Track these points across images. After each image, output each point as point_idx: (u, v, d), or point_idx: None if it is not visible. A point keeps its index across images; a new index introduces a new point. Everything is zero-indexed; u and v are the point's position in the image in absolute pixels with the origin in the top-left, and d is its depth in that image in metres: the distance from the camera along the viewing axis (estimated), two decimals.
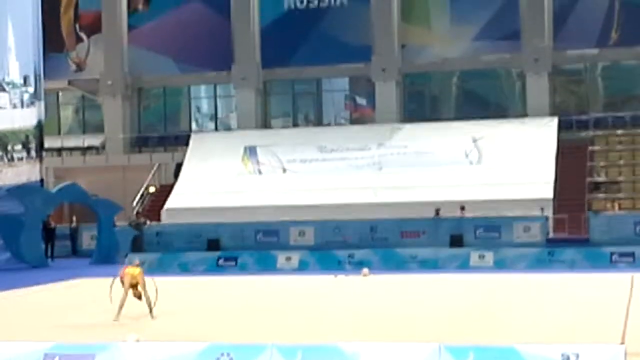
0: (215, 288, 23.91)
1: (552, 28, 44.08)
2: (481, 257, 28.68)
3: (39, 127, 38.00)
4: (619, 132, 42.77)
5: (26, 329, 16.16)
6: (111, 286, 17.67)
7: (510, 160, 40.14)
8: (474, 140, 41.47)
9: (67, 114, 51.87)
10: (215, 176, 42.79)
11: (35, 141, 37.62)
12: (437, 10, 45.89)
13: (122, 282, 17.62)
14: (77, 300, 21.64)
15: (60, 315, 18.49)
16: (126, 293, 17.48)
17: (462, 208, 36.04)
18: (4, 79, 36.16)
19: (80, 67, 49.54)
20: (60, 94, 50.39)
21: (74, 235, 37.95)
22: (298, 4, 47.01)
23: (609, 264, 27.63)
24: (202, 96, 50.65)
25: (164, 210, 41.71)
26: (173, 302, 20.66)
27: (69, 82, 49.63)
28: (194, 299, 21.19)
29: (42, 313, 18.88)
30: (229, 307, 18.81)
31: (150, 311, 17.49)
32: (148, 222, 37.92)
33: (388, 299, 20.47)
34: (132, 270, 17.59)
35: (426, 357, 10.05)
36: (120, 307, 17.33)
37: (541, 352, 9.86)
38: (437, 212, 36.28)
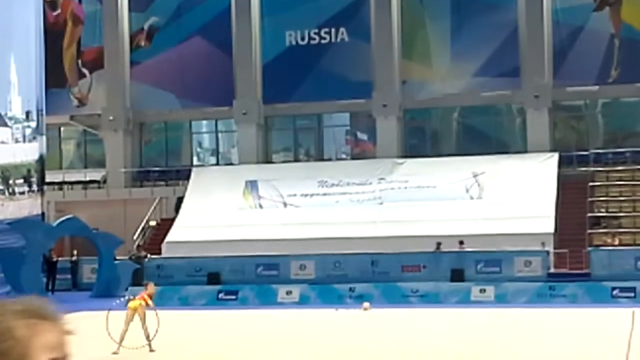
0: (215, 322, 23.87)
1: (552, 65, 44.31)
2: (482, 291, 28.67)
3: (41, 161, 38.14)
4: (619, 168, 42.86)
5: None
6: (107, 319, 17.67)
7: (511, 195, 40.19)
8: (475, 175, 41.58)
9: (69, 148, 52.04)
10: (216, 210, 42.83)
11: (36, 175, 37.74)
12: (437, 46, 46.13)
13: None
14: (78, 334, 21.56)
15: None
16: (127, 326, 17.49)
17: (461, 242, 36.08)
18: (6, 114, 36.33)
19: (82, 103, 49.73)
20: (62, 128, 50.56)
21: (74, 269, 37.96)
22: (299, 41, 47.28)
23: (610, 298, 27.59)
24: (203, 131, 50.83)
25: (164, 244, 41.72)
26: (172, 335, 20.64)
27: (71, 117, 49.83)
28: (193, 333, 21.15)
29: None
30: (228, 341, 18.77)
31: (149, 344, 17.48)
32: (149, 256, 37.93)
33: (389, 334, 20.43)
34: (133, 304, 17.61)
35: None
36: (121, 339, 17.32)
37: None
38: (438, 246, 36.32)
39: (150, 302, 17.98)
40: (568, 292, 28.29)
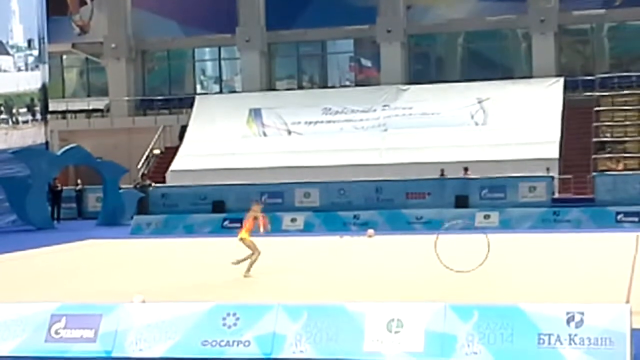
0: (221, 249, 23.96)
1: None
2: (486, 217, 28.63)
3: (44, 90, 38.01)
4: (625, 92, 42.64)
5: (33, 290, 16.23)
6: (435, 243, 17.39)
7: (516, 120, 40.10)
8: (480, 101, 41.42)
9: (72, 77, 51.84)
10: (220, 138, 42.81)
11: (40, 104, 37.65)
12: None
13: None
14: (84, 262, 21.73)
15: (67, 276, 18.57)
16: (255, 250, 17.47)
17: (466, 169, 36.04)
18: (8, 43, 36.10)
19: (84, 30, 49.38)
20: (64, 57, 50.33)
21: (79, 198, 38.06)
22: None
23: (614, 223, 27.59)
24: (206, 59, 50.52)
25: (169, 172, 41.81)
26: (179, 262, 20.76)
27: (73, 45, 49.54)
28: (199, 260, 21.26)
29: (49, 275, 18.96)
30: (234, 268, 18.83)
31: (238, 262, 17.42)
32: (153, 184, 37.98)
33: (393, 260, 20.50)
34: (243, 235, 17.52)
35: (431, 316, 10.07)
36: (251, 263, 17.32)
37: (546, 311, 9.88)
38: (442, 172, 36.29)
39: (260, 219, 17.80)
40: (572, 217, 28.27)
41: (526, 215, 28.62)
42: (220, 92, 48.94)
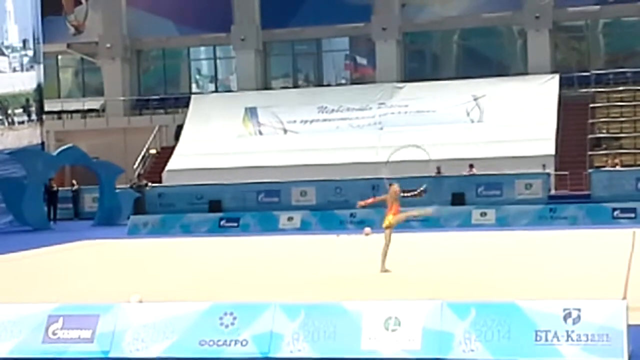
0: (218, 249, 23.97)
1: None
2: (483, 214, 28.67)
3: (39, 90, 37.97)
4: (621, 88, 42.69)
5: (30, 291, 16.21)
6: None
7: (512, 117, 40.13)
8: (475, 99, 41.42)
9: (67, 77, 51.79)
10: (216, 138, 42.81)
11: (35, 104, 37.62)
12: None
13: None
14: (81, 262, 21.71)
15: (64, 277, 18.55)
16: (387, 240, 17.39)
17: (471, 166, 36.03)
18: (3, 43, 36.07)
19: (78, 30, 49.32)
20: (59, 57, 50.28)
21: (75, 198, 38.03)
22: None
23: (610, 220, 27.64)
24: (201, 58, 50.51)
25: (165, 172, 41.79)
26: (176, 262, 20.75)
27: (68, 46, 49.49)
28: (196, 260, 21.26)
29: (45, 275, 18.94)
30: (231, 267, 18.84)
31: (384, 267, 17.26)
32: (150, 184, 37.96)
33: (390, 258, 20.48)
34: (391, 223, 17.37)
35: (428, 314, 10.08)
36: (384, 256, 17.23)
37: (543, 307, 9.89)
38: (439, 170, 36.28)
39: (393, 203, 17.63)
40: (569, 214, 28.31)
41: (523, 212, 28.65)
42: (216, 91, 48.93)
